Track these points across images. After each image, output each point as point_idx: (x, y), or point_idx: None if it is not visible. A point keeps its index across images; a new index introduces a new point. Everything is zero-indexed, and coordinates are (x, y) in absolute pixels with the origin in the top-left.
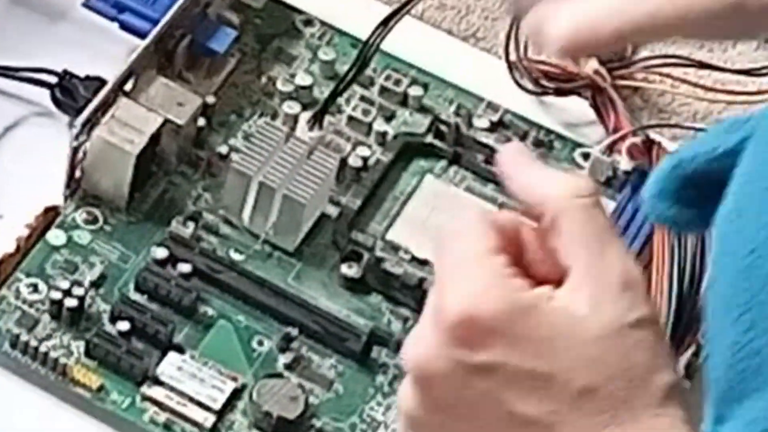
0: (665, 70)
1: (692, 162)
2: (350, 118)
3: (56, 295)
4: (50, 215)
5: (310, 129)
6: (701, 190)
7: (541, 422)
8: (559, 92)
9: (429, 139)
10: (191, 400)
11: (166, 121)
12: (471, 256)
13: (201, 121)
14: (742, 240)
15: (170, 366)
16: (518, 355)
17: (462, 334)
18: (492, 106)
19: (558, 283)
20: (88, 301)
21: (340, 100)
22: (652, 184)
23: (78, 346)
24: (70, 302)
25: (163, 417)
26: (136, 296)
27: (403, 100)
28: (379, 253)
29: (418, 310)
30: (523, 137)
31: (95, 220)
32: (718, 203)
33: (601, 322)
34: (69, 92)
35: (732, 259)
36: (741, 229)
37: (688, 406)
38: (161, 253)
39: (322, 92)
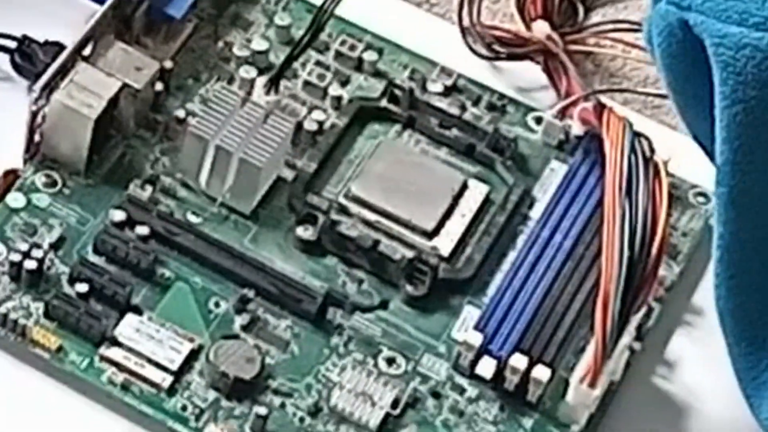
0: (617, 35)
1: None
2: (306, 83)
3: (15, 257)
4: (9, 178)
5: (266, 93)
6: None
7: None
8: (512, 57)
9: (384, 103)
10: (149, 360)
11: (124, 86)
12: None
13: (158, 86)
14: None
15: (128, 327)
16: None
17: None
18: (446, 71)
19: None
20: (47, 263)
21: (296, 65)
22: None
23: (37, 308)
24: (29, 264)
25: (121, 377)
26: (94, 258)
27: (358, 65)
28: (334, 216)
29: (372, 272)
30: (476, 102)
31: (54, 184)
32: None
33: None
34: (28, 57)
35: None
36: None
37: None
38: (119, 215)
39: (277, 57)
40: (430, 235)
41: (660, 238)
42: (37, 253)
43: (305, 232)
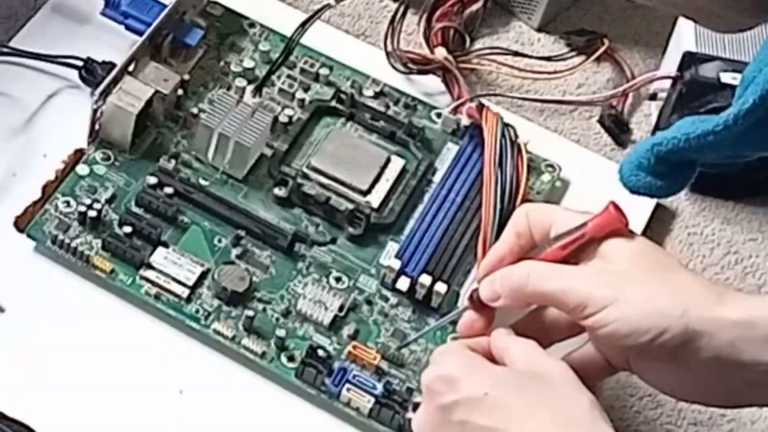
0: (492, 57)
1: (666, 144)
2: (280, 89)
3: (82, 209)
4: (78, 155)
5: (253, 97)
6: (672, 166)
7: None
8: (420, 72)
9: (333, 103)
10: (173, 279)
11: (156, 92)
12: (448, 349)
13: (180, 91)
14: None
15: (159, 256)
16: (476, 389)
17: (434, 387)
18: (375, 81)
19: None
20: (103, 212)
21: (273, 78)
22: (631, 161)
23: (97, 243)
24: (92, 213)
25: (154, 290)
26: (136, 209)
27: (316, 77)
28: (299, 180)
29: (325, 218)
30: (396, 102)
31: (109, 158)
32: (685, 176)
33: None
34: (91, 72)
35: None
36: None
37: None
38: (153, 180)
39: (261, 72)
40: (365, 193)
41: (522, 196)
42: (97, 206)
43: (280, 191)
